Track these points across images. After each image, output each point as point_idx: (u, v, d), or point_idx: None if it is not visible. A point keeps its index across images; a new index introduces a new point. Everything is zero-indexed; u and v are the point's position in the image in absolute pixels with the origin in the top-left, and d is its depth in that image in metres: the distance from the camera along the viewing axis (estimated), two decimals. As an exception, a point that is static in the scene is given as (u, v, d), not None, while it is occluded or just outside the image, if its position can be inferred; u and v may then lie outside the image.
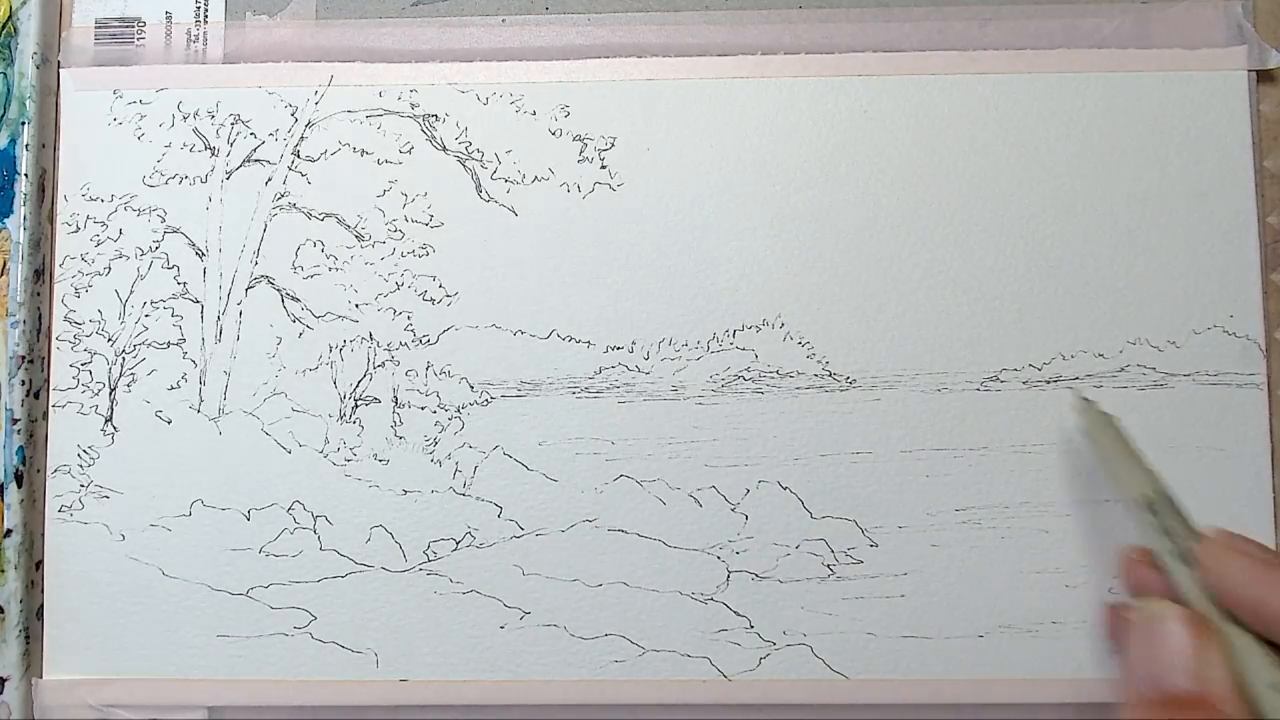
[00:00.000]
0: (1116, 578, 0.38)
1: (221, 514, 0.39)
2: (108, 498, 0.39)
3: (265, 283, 0.39)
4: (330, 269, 0.39)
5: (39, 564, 0.39)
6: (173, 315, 0.39)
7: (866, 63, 0.39)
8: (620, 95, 0.39)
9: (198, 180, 0.39)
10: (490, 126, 0.39)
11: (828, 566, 0.38)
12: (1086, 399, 0.36)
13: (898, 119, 0.39)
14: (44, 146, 0.39)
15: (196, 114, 0.39)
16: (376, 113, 0.39)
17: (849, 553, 0.38)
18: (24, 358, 0.38)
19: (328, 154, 0.39)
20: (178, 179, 0.39)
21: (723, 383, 0.39)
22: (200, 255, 0.39)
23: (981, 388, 0.38)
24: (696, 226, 0.39)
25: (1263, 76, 0.39)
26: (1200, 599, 0.31)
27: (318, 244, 0.39)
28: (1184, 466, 0.38)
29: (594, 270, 0.39)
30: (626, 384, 0.39)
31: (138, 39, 0.40)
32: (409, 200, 0.39)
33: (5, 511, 0.38)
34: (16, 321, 0.38)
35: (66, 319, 0.39)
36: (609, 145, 0.39)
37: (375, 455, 0.39)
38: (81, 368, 0.39)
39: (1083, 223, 0.39)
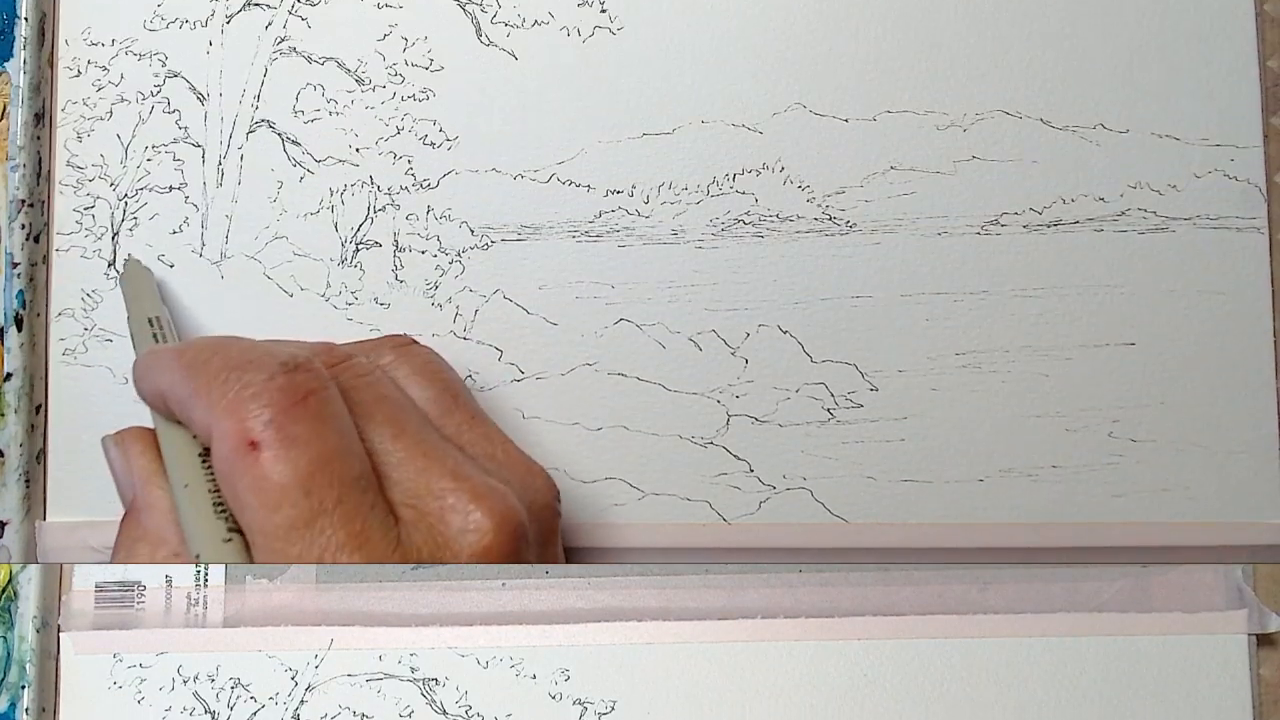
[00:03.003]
0: (1116, 422, 0.38)
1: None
2: (111, 341, 0.38)
3: (266, 126, 0.38)
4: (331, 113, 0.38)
5: (39, 408, 0.38)
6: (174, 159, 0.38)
7: (866, 626, 0.38)
8: (620, 659, 0.38)
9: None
10: (490, 690, 0.38)
11: (828, 410, 0.38)
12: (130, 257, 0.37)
13: (897, 682, 0.38)
14: (44, 710, 0.38)
15: (196, 678, 0.38)
16: (376, 676, 0.38)
17: (849, 396, 0.38)
18: (24, 201, 0.38)
19: (328, 717, 0.38)
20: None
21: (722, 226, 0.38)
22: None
23: (982, 231, 0.38)
24: None
25: (1263, 640, 0.39)
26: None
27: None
28: (1185, 309, 0.38)
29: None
30: (626, 228, 0.38)
31: (138, 602, 0.38)
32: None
33: (5, 355, 0.38)
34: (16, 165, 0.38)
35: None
36: (609, 709, 0.38)
37: (376, 299, 0.39)
38: (84, 212, 0.38)
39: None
